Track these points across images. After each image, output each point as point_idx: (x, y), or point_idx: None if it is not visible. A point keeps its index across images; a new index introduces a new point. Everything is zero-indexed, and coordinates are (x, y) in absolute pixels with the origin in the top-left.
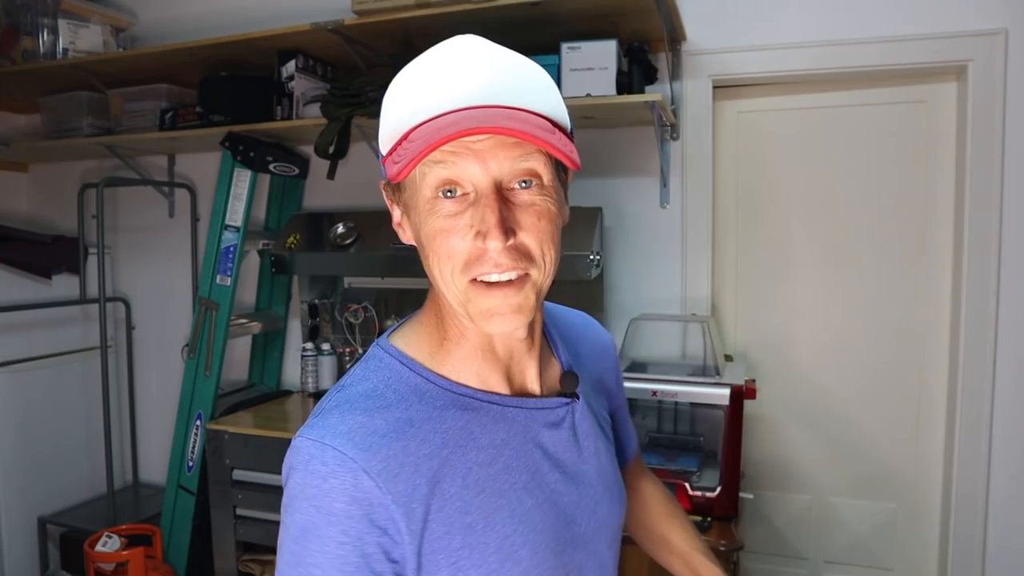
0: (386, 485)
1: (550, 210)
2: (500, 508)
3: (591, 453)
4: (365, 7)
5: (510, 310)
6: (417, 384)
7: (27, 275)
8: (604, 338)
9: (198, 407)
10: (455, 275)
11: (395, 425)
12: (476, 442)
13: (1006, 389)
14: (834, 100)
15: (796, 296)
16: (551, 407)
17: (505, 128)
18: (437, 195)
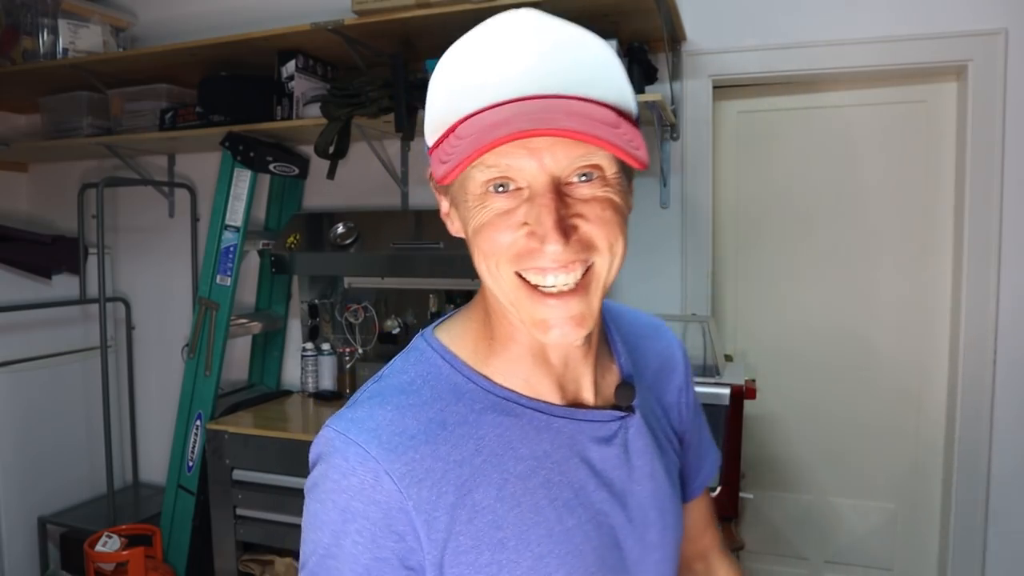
0: (408, 490)
1: (613, 202)
2: (537, 525)
3: (645, 474)
4: (365, 7)
5: (572, 323)
6: (457, 383)
7: (27, 275)
8: (673, 350)
9: (198, 407)
10: (501, 267)
11: (426, 426)
12: (515, 452)
13: (1006, 389)
14: (834, 100)
15: (796, 296)
16: (603, 420)
17: (564, 130)
18: (487, 190)
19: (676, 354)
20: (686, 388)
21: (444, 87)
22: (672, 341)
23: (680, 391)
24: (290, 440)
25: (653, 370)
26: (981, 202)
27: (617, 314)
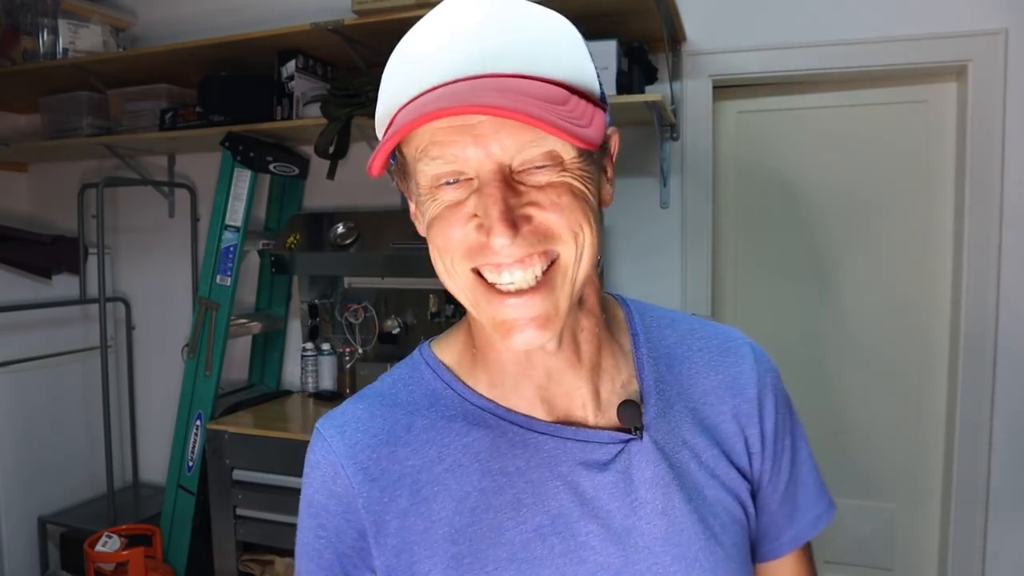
0: (359, 487)
1: (572, 185)
2: (496, 547)
3: (655, 510)
4: (365, 7)
5: (535, 325)
6: (435, 389)
7: (27, 275)
8: (744, 370)
9: (198, 407)
10: (456, 264)
11: (392, 427)
12: (483, 465)
13: (1006, 389)
14: (834, 100)
15: (796, 296)
16: (597, 441)
17: (489, 106)
18: (438, 184)
19: (747, 375)
20: (763, 418)
21: (388, 78)
22: (744, 359)
23: (747, 419)
24: (290, 440)
25: (704, 390)
26: (981, 202)
27: (661, 322)
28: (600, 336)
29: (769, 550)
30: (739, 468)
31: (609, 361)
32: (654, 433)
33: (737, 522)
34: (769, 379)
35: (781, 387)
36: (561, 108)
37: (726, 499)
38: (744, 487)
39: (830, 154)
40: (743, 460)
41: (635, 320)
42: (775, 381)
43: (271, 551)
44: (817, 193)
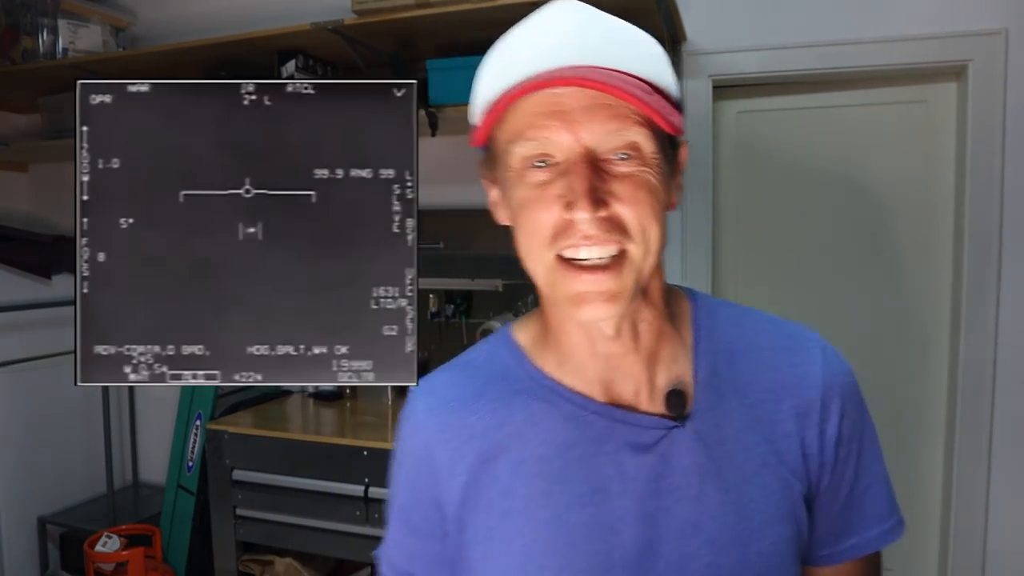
0: (437, 446)
1: (650, 183)
2: (543, 508)
3: (687, 495)
4: (365, 7)
5: (602, 297)
6: (508, 365)
7: (27, 275)
8: (809, 370)
9: (198, 407)
10: (541, 249)
11: (465, 395)
12: (540, 435)
13: (1006, 389)
14: (834, 100)
15: (796, 296)
16: (642, 426)
17: (590, 80)
18: (526, 165)
19: (812, 376)
20: (824, 420)
21: (487, 70)
22: (812, 360)
23: (805, 419)
24: (290, 440)
25: (763, 387)
26: (981, 202)
27: (729, 318)
28: (660, 327)
29: (828, 555)
30: (791, 468)
31: (667, 351)
32: (698, 424)
33: (780, 521)
34: (838, 383)
35: (854, 394)
36: (650, 96)
37: (771, 497)
38: (796, 487)
39: (830, 154)
40: (797, 461)
41: (700, 314)
42: (846, 386)
43: (271, 551)
44: (817, 193)
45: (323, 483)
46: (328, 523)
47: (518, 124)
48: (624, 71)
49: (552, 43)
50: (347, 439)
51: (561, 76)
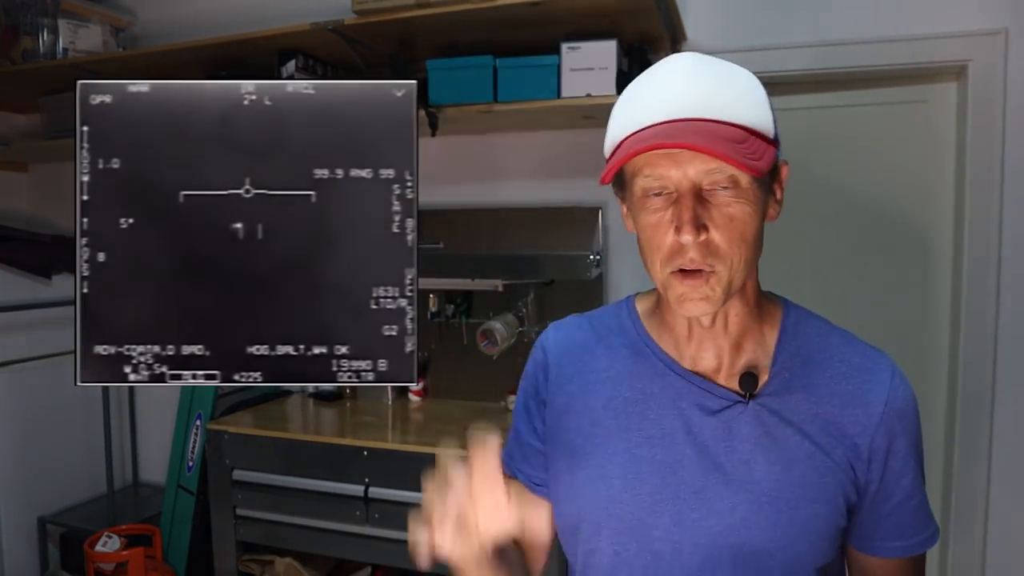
0: (552, 367)
1: (744, 211)
2: (619, 438)
3: (740, 459)
4: (365, 7)
5: (699, 297)
6: (623, 323)
7: (27, 275)
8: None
9: (198, 407)
10: (661, 265)
11: (587, 337)
12: (631, 382)
13: (1006, 389)
14: (834, 100)
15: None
16: (713, 393)
17: (686, 143)
18: (647, 195)
19: (877, 394)
20: (877, 433)
21: (617, 113)
22: (879, 381)
23: (862, 428)
24: (290, 440)
25: (831, 392)
26: (981, 202)
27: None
28: (747, 322)
29: (879, 547)
30: (840, 462)
31: (750, 344)
32: (761, 404)
33: (819, 501)
34: (899, 405)
35: (912, 419)
36: (740, 145)
37: (815, 479)
38: (841, 479)
39: (830, 154)
40: (847, 459)
41: (789, 320)
42: (906, 410)
43: (271, 551)
44: (817, 193)
45: (323, 483)
46: (328, 523)
47: (640, 161)
48: (724, 121)
49: (667, 96)
50: (347, 439)
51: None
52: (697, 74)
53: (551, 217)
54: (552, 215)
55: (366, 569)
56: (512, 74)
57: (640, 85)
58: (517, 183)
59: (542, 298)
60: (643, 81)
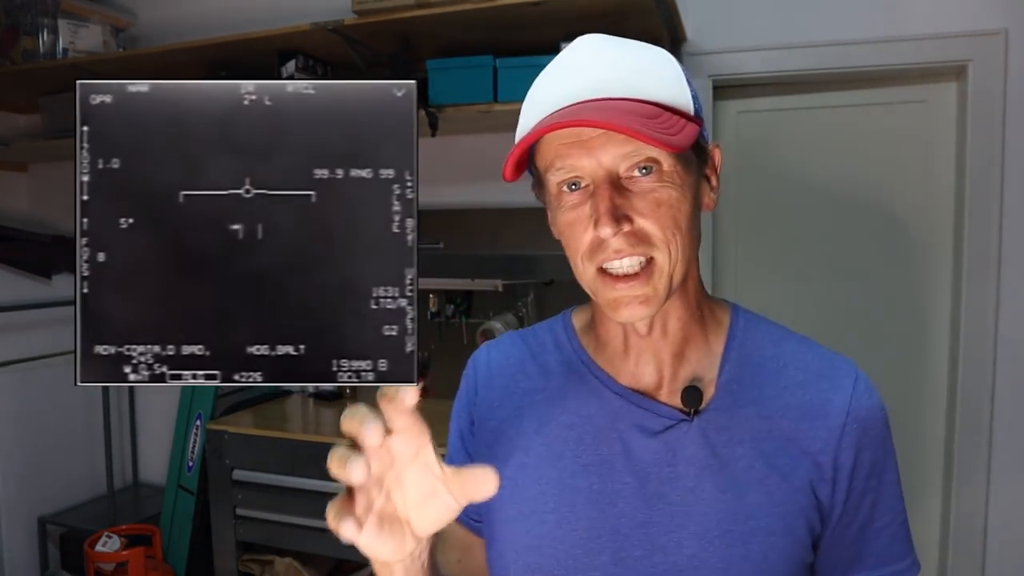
0: (482, 389)
1: (671, 195)
2: (553, 468)
3: (685, 486)
4: (365, 7)
5: (636, 300)
6: (559, 340)
7: (27, 275)
8: (835, 400)
9: (198, 407)
10: (584, 263)
11: (522, 356)
12: (566, 405)
13: (1006, 389)
14: (834, 100)
15: (796, 296)
16: (653, 412)
17: (586, 120)
18: (561, 190)
19: (837, 404)
20: (840, 448)
21: (523, 111)
22: (840, 390)
23: (823, 444)
24: (290, 440)
25: (786, 405)
26: (981, 202)
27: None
28: (689, 328)
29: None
30: (799, 486)
31: (694, 354)
32: (708, 422)
33: (777, 532)
34: (863, 415)
35: (880, 430)
36: (651, 120)
37: (771, 507)
38: (802, 505)
39: (830, 154)
40: (807, 481)
41: (738, 326)
42: (872, 420)
43: (271, 551)
44: (817, 193)
45: (323, 483)
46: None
47: (549, 155)
48: (634, 98)
49: (571, 80)
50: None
51: (567, 119)
52: (600, 52)
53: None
54: None
55: (366, 569)
56: (512, 74)
57: (543, 74)
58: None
59: (542, 298)
60: (547, 70)
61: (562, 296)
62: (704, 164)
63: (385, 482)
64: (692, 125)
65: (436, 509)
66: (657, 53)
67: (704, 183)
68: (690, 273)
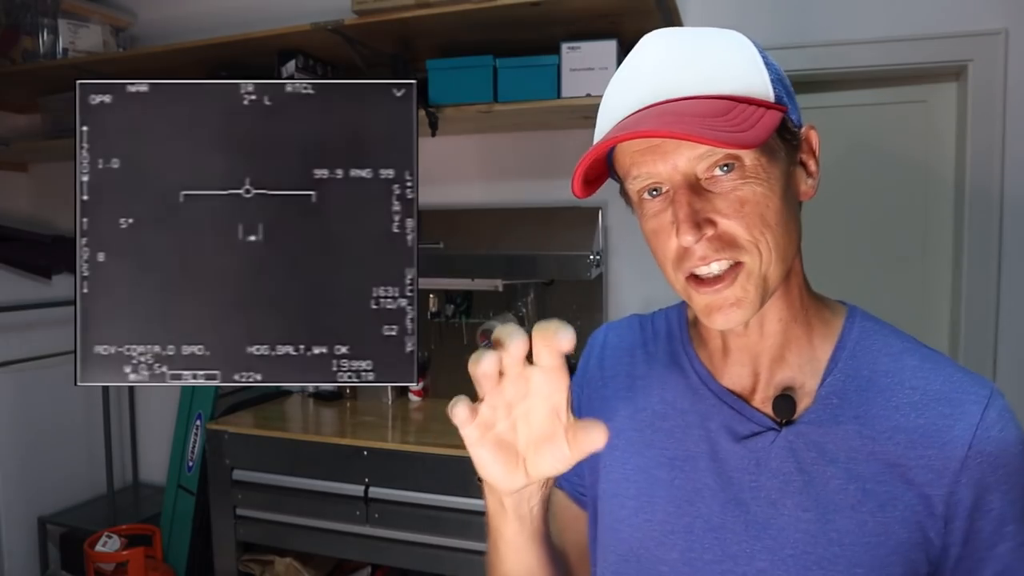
0: (595, 367)
1: (755, 192)
2: (639, 455)
3: (767, 498)
4: (365, 7)
5: (727, 304)
6: (672, 330)
7: (27, 275)
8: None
9: (198, 407)
10: (674, 273)
11: (633, 341)
12: (664, 394)
13: (1006, 389)
14: (834, 100)
15: None
16: (743, 415)
17: (646, 131)
18: (642, 197)
19: (959, 432)
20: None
21: (599, 115)
22: (965, 416)
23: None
24: (290, 440)
25: (895, 427)
26: (981, 202)
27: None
28: (791, 330)
29: None
30: (902, 519)
31: (795, 359)
32: (797, 435)
33: (866, 567)
34: (992, 449)
35: (1015, 467)
36: (719, 119)
37: (863, 537)
38: (904, 542)
39: (830, 154)
40: (912, 515)
41: (851, 333)
42: (1000, 455)
43: (271, 551)
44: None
45: (323, 483)
46: (328, 523)
47: (625, 163)
48: (702, 95)
49: (637, 84)
50: (347, 439)
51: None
52: (666, 49)
53: (551, 217)
54: (552, 215)
55: (366, 569)
56: (512, 74)
57: (613, 79)
58: (517, 183)
59: (542, 298)
60: (616, 74)
61: (562, 296)
62: (797, 150)
63: (514, 412)
64: (771, 113)
65: (552, 455)
66: (728, 39)
67: (798, 170)
68: (793, 270)
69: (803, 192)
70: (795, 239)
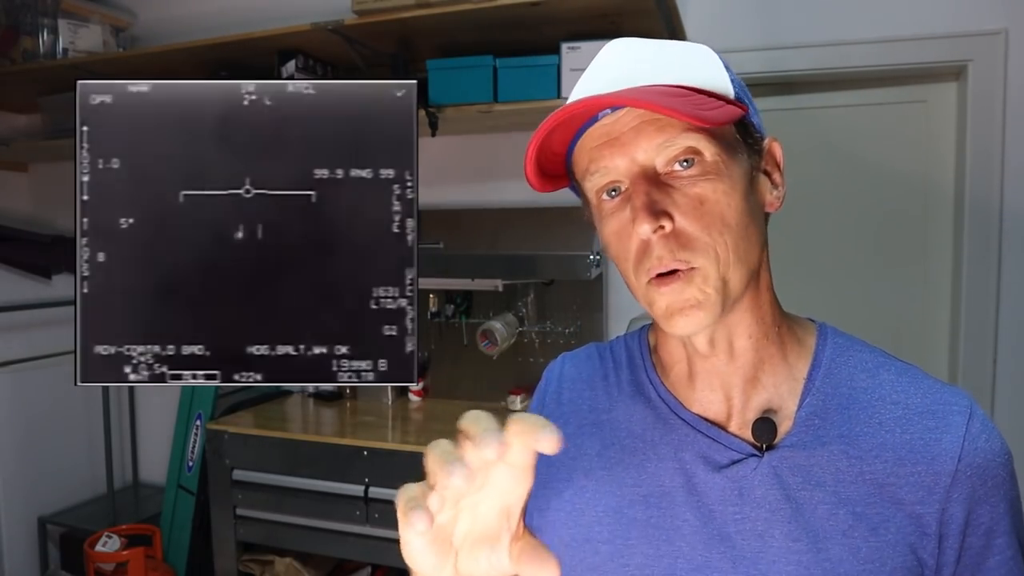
0: (551, 401)
1: (716, 189)
2: (611, 495)
3: (753, 530)
4: (365, 7)
5: (688, 306)
6: (633, 358)
7: (27, 275)
8: (944, 441)
9: (198, 407)
10: (633, 275)
11: (594, 372)
12: (630, 428)
13: (1006, 389)
14: (834, 100)
15: (795, 296)
16: (721, 443)
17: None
18: (601, 198)
19: (947, 446)
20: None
21: None
22: (951, 429)
23: (927, 492)
24: (290, 440)
25: (880, 444)
26: (981, 202)
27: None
28: (764, 349)
29: None
30: (894, 541)
31: (770, 379)
32: (781, 460)
33: None
34: (980, 461)
35: (999, 478)
36: (679, 98)
37: (856, 565)
38: (896, 566)
39: (830, 154)
40: (904, 537)
41: (826, 351)
42: (989, 467)
43: (271, 551)
44: (817, 193)
45: (323, 483)
46: (328, 523)
47: (583, 161)
48: (660, 84)
49: (594, 80)
50: (347, 439)
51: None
52: (628, 49)
53: (551, 217)
54: (552, 215)
55: (366, 569)
56: (512, 74)
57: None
58: (517, 183)
59: (542, 298)
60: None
61: (562, 296)
62: (760, 157)
63: (461, 503)
64: (731, 108)
65: (488, 559)
66: (692, 46)
67: (763, 179)
68: (760, 281)
69: (769, 203)
70: (757, 245)
